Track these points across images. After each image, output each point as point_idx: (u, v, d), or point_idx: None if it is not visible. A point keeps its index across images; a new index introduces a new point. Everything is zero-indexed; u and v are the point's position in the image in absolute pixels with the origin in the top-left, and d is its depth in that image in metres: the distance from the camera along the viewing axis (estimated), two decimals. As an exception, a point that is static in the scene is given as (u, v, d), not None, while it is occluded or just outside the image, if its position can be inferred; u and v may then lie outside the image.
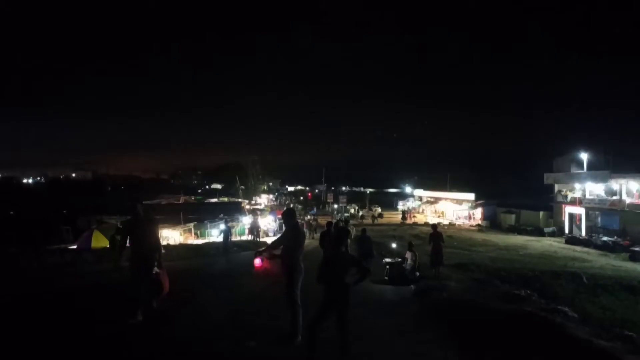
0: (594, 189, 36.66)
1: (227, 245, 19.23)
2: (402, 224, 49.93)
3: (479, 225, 46.89)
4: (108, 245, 17.17)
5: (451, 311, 8.03)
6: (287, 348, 5.32)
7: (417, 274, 12.88)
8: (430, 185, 73.12)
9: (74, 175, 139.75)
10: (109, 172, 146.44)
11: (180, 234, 34.70)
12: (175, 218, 37.82)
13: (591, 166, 37.18)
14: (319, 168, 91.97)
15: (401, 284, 11.89)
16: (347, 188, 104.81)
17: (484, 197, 52.85)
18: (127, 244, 6.20)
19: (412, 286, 11.53)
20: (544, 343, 5.81)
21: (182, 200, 65.65)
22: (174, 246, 24.29)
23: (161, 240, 6.62)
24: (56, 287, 9.38)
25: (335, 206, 63.31)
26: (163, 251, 6.47)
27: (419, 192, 74.29)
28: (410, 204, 71.92)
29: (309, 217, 47.77)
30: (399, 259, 13.73)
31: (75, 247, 20.16)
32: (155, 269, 6.01)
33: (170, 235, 33.47)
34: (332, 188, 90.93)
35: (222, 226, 21.89)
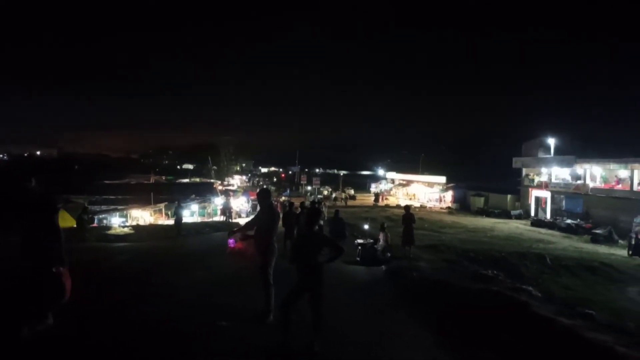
0: (560, 174, 37.79)
1: (180, 227, 19.27)
2: (375, 206, 50.43)
3: (449, 207, 47.75)
4: (75, 225, 16.85)
5: (422, 291, 8.20)
6: (260, 327, 5.33)
7: (389, 254, 13.05)
8: (403, 168, 73.91)
9: (38, 153, 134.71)
10: (76, 150, 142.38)
11: (151, 215, 34.18)
12: (145, 198, 37.20)
13: (558, 151, 38.22)
14: (293, 149, 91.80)
15: (373, 264, 12.02)
16: (321, 170, 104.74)
17: (454, 180, 53.72)
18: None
19: (383, 267, 11.70)
20: (510, 321, 6.00)
21: (152, 180, 64.45)
22: (144, 227, 23.94)
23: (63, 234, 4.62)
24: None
25: (309, 188, 63.37)
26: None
27: (391, 174, 74.95)
28: (383, 186, 72.47)
29: (283, 198, 47.69)
30: (371, 240, 13.85)
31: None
32: (57, 267, 4.40)
33: (140, 216, 32.94)
34: (306, 170, 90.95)
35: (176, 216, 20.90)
